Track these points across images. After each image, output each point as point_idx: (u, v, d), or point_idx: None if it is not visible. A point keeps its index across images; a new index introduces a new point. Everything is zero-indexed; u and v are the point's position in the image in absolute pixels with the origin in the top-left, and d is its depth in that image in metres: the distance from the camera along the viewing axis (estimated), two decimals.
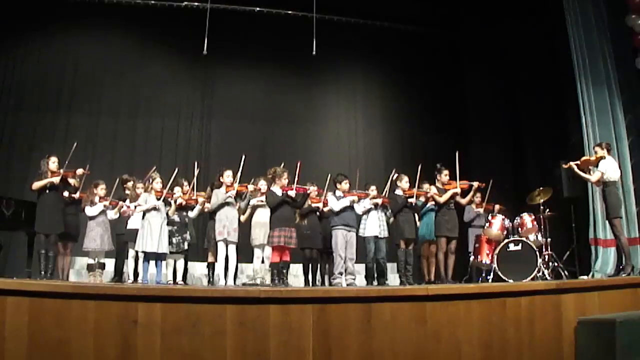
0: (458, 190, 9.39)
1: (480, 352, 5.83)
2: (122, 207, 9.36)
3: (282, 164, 9.07)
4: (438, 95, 14.22)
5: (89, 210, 9.35)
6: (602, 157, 8.80)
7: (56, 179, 8.53)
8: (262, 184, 9.21)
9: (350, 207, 8.98)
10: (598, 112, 10.36)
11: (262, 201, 9.14)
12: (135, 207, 9.00)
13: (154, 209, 8.59)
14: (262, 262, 9.19)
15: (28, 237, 9.23)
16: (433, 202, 9.61)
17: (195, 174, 9.67)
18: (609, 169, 8.71)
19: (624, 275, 8.33)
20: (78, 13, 12.79)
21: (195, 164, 9.89)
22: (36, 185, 8.57)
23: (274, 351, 5.20)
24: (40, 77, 12.64)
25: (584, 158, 9.15)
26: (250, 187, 9.14)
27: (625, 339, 5.79)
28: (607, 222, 9.11)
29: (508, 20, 13.17)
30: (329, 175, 9.33)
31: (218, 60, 12.73)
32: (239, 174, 8.97)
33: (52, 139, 12.20)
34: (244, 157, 9.00)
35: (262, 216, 9.04)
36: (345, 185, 9.01)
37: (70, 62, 12.95)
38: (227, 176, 9.01)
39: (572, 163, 8.98)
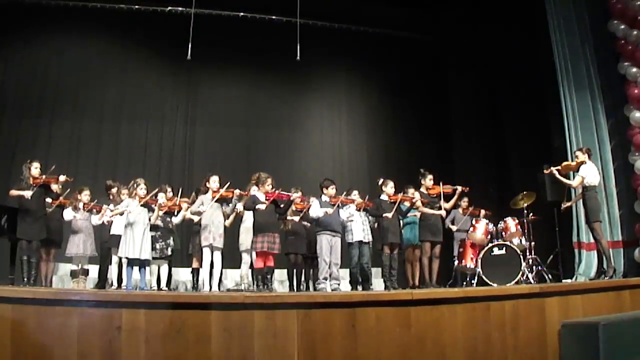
0: (443, 213, 9.59)
1: (464, 356, 5.85)
2: (106, 212, 9.32)
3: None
4: (421, 99, 14.29)
5: (66, 214, 9.31)
6: (582, 162, 8.97)
7: (28, 193, 8.43)
8: (255, 190, 9.07)
9: (335, 212, 8.96)
10: (581, 117, 10.44)
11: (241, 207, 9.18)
12: (111, 210, 9.01)
13: (130, 219, 8.54)
14: (250, 267, 9.15)
15: (10, 243, 9.14)
16: (415, 214, 9.67)
17: (179, 191, 9.65)
18: (590, 173, 8.88)
19: (606, 278, 8.41)
20: (61, 17, 12.75)
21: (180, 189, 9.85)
22: (12, 193, 8.52)
23: (259, 356, 5.20)
24: (22, 81, 12.53)
25: (565, 163, 9.29)
26: (237, 192, 9.10)
27: (608, 341, 5.83)
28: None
29: (491, 26, 13.23)
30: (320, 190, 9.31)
31: (202, 66, 12.68)
32: (222, 190, 8.95)
33: (35, 144, 12.14)
34: (228, 183, 9.01)
35: (251, 221, 8.99)
36: (331, 190, 8.99)
37: (53, 67, 12.86)
38: (214, 181, 9.00)
39: (553, 168, 9.10)
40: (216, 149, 13.32)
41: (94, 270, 9.79)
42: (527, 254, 9.65)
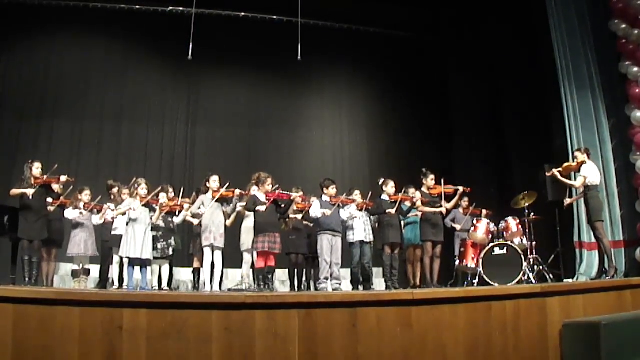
0: (443, 210, 9.59)
1: (465, 356, 5.84)
2: (107, 211, 9.32)
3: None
4: (422, 99, 14.28)
5: (68, 213, 9.32)
6: (583, 162, 8.95)
7: (30, 191, 8.43)
8: (255, 189, 9.08)
9: (336, 212, 8.95)
10: (582, 116, 10.42)
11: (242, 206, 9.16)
12: (113, 210, 9.03)
13: (132, 215, 8.54)
14: (252, 267, 9.14)
15: (12, 243, 9.13)
16: (416, 214, 9.67)
17: (181, 191, 9.64)
18: (591, 173, 8.87)
19: (607, 278, 8.40)
20: (61, 17, 12.75)
21: (182, 189, 9.84)
22: (13, 192, 8.51)
23: (260, 356, 5.19)
24: (24, 82, 12.54)
25: (565, 164, 9.28)
26: (237, 192, 9.09)
27: (610, 341, 5.81)
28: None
29: (492, 26, 13.24)
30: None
31: (203, 66, 12.69)
32: (222, 190, 8.97)
33: (36, 144, 12.15)
34: (228, 183, 9.06)
35: (252, 221, 8.97)
36: (332, 190, 8.98)
37: (54, 67, 12.87)
38: (214, 181, 9.01)
39: (554, 170, 9.10)
40: (217, 148, 13.33)
41: (95, 270, 9.80)
42: (529, 253, 9.64)
